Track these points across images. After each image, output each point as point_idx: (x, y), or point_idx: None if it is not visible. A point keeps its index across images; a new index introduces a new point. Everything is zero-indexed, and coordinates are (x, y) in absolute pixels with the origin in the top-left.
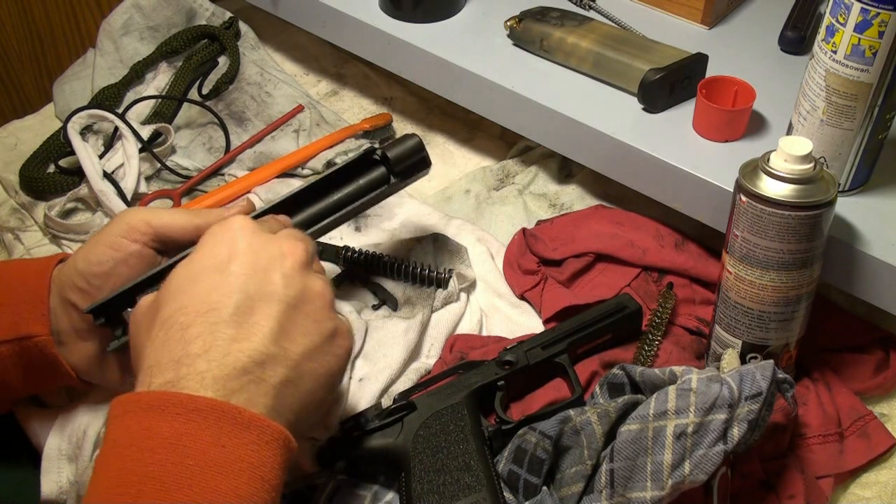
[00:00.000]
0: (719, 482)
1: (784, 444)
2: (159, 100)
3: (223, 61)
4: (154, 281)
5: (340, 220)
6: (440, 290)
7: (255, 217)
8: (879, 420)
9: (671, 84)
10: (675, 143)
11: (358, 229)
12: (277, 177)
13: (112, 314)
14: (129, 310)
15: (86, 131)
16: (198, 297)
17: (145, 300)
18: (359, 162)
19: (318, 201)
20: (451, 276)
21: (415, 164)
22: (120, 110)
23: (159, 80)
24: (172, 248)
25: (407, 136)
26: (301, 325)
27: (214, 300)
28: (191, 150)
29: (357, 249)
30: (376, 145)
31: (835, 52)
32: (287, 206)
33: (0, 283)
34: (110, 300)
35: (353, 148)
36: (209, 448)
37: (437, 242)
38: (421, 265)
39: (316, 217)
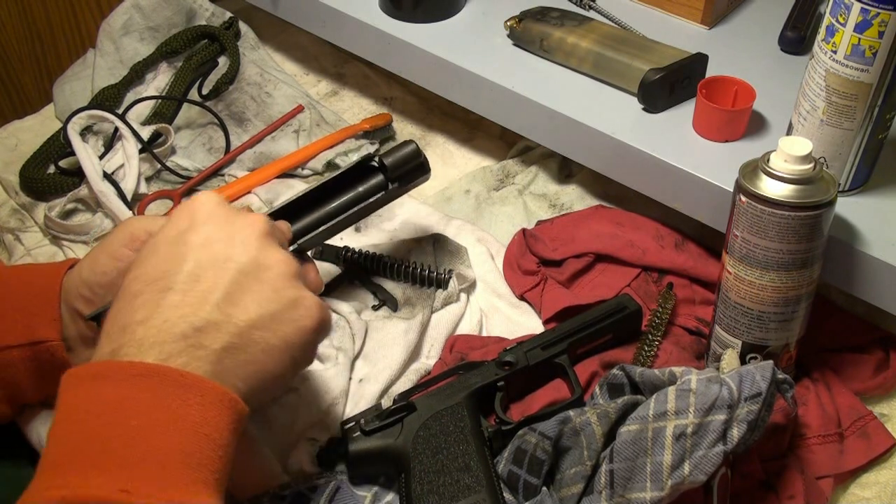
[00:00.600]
0: (719, 482)
1: (784, 444)
2: (159, 100)
3: (223, 61)
4: None
5: (340, 225)
6: (440, 290)
7: None
8: (879, 420)
9: (671, 84)
10: (675, 143)
11: (358, 230)
12: (277, 177)
13: None
14: None
15: (86, 132)
16: (152, 265)
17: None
18: (357, 169)
19: (318, 208)
20: (451, 277)
21: (412, 170)
22: (120, 111)
23: (159, 81)
24: None
25: (404, 143)
26: (254, 291)
27: (165, 269)
28: (191, 151)
29: (357, 250)
30: (373, 152)
31: (835, 52)
32: (286, 213)
33: (12, 289)
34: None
35: (354, 148)
36: (152, 409)
37: (437, 243)
38: (421, 265)
39: (315, 223)
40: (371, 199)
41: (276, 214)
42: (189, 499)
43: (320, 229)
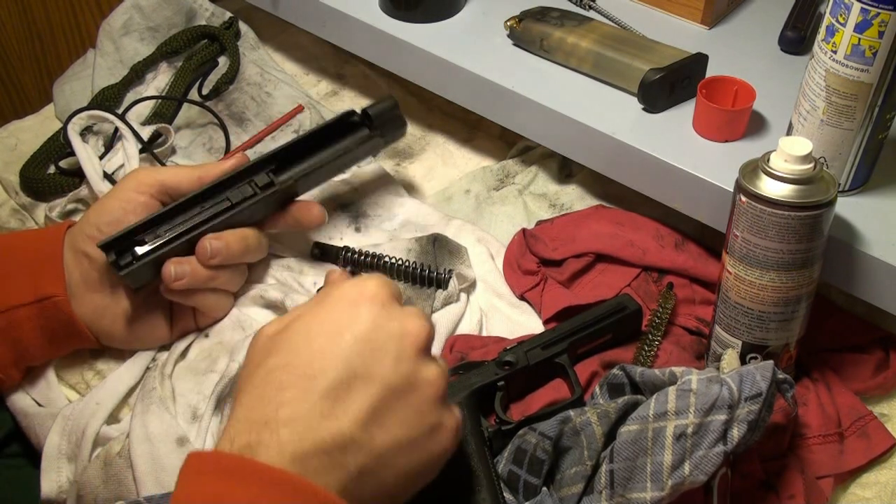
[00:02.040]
0: (719, 482)
1: (784, 444)
2: (159, 100)
3: (223, 61)
4: (158, 221)
5: (327, 172)
6: (440, 290)
7: (249, 168)
8: (879, 420)
9: (671, 84)
10: (675, 143)
11: (358, 230)
12: None
13: (121, 250)
14: (138, 249)
15: (86, 132)
16: (303, 358)
17: (268, 328)
18: (342, 124)
19: (306, 159)
20: (450, 277)
21: (392, 121)
22: (120, 111)
23: (159, 81)
24: (178, 199)
25: (385, 98)
26: (399, 413)
27: (317, 368)
28: (191, 151)
29: (357, 250)
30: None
31: (835, 52)
32: (275, 161)
33: (15, 252)
34: (118, 237)
35: None
36: None
37: (437, 242)
38: (421, 265)
39: (304, 172)
40: (356, 149)
41: (263, 163)
42: None
43: (307, 171)
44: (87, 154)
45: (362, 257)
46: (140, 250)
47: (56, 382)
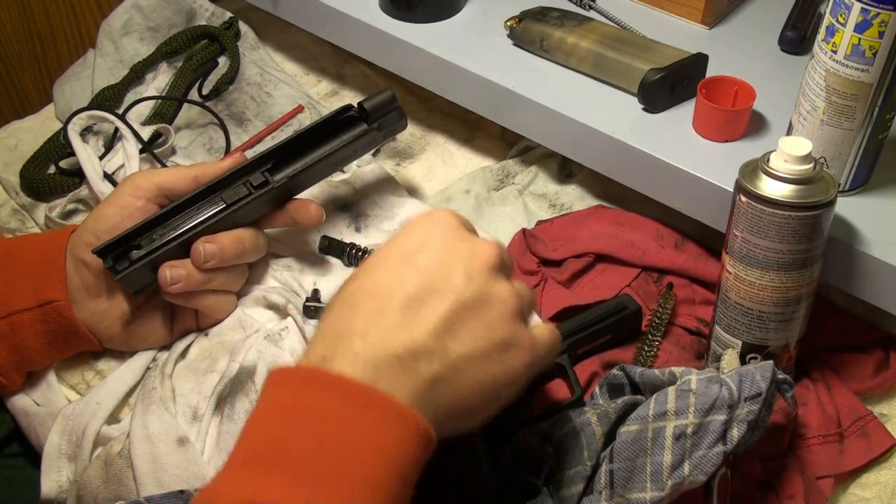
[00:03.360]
0: (719, 483)
1: (784, 444)
2: (159, 100)
3: (223, 61)
4: (153, 224)
5: (325, 169)
6: None
7: (245, 167)
8: (879, 420)
9: (671, 84)
10: (675, 143)
11: (358, 230)
12: None
13: (118, 256)
14: (133, 253)
15: (86, 132)
16: (376, 279)
17: (357, 268)
18: (339, 119)
19: (302, 157)
20: None
21: (390, 114)
22: (120, 111)
23: (159, 81)
24: (176, 200)
25: (381, 91)
26: (471, 327)
27: (389, 286)
28: (191, 151)
29: (363, 248)
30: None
31: (835, 52)
32: (272, 160)
33: (20, 257)
34: (113, 242)
35: None
36: (352, 429)
37: None
38: None
39: (300, 169)
40: (354, 143)
41: (259, 162)
42: None
43: (303, 169)
44: (87, 154)
45: (366, 255)
46: (135, 255)
47: (56, 384)
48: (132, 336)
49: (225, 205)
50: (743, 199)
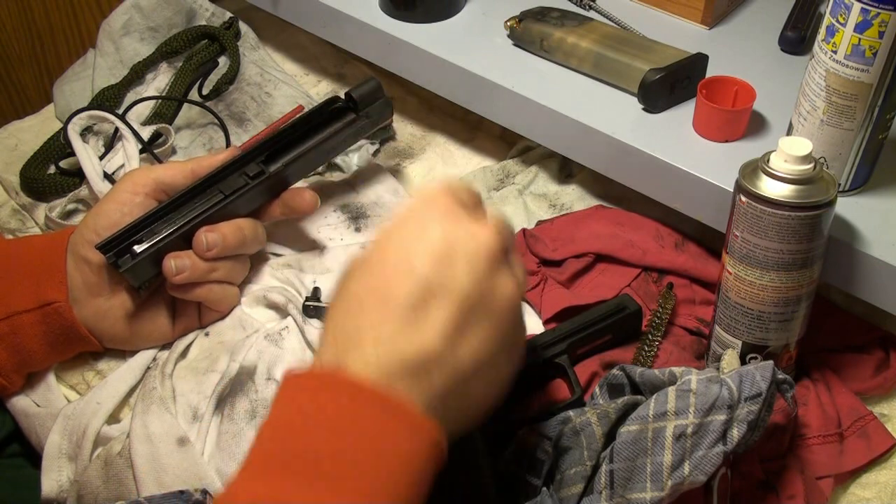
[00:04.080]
0: (719, 483)
1: (784, 444)
2: (159, 100)
3: (223, 62)
4: (154, 218)
5: (317, 158)
6: None
7: (240, 159)
8: (879, 420)
9: (671, 84)
10: (675, 143)
11: (358, 230)
12: None
13: (121, 251)
14: (136, 247)
15: (86, 132)
16: (381, 276)
17: (357, 259)
18: (328, 111)
19: (295, 147)
20: None
21: (376, 102)
22: (120, 111)
23: (159, 81)
24: (174, 194)
25: (367, 80)
26: (479, 326)
27: (393, 286)
28: (191, 151)
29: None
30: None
31: (835, 52)
32: (266, 151)
33: (20, 258)
34: (115, 237)
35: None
36: (365, 434)
37: None
38: None
39: (293, 159)
40: (343, 133)
41: (253, 153)
42: None
43: (296, 158)
44: (87, 154)
45: None
46: (138, 248)
47: (55, 385)
48: (135, 334)
49: (223, 195)
50: (743, 199)
